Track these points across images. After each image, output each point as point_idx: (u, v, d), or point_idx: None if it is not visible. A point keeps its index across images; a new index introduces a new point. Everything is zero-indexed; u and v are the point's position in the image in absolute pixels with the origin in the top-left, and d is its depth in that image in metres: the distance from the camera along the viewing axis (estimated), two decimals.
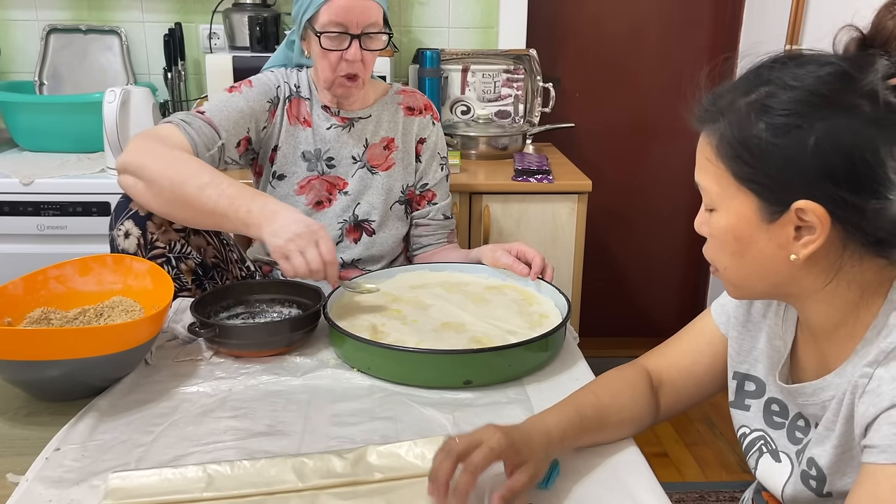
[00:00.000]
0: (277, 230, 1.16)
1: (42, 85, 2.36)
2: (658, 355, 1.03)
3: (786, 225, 0.74)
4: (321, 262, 1.15)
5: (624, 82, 2.75)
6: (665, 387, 1.00)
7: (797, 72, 0.73)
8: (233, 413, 1.00)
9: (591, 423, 0.91)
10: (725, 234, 0.79)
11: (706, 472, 2.25)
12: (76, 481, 0.85)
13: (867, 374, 0.73)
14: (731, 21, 2.68)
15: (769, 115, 0.72)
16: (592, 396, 0.94)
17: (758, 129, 0.73)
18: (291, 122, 1.48)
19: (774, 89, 0.73)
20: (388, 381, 1.09)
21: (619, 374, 1.00)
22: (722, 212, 0.79)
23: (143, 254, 1.28)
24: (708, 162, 0.78)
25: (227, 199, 1.19)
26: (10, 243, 1.96)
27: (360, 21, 1.36)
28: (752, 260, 0.78)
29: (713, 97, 0.79)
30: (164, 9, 2.42)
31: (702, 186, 0.80)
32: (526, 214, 2.07)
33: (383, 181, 1.52)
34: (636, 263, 2.93)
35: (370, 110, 1.52)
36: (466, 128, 2.35)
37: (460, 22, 2.53)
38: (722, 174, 0.77)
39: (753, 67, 0.78)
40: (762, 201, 0.75)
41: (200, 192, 1.20)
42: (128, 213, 1.30)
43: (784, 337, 0.89)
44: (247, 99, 1.42)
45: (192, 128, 1.33)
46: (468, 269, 1.41)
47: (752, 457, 0.92)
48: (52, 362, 0.95)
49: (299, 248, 1.15)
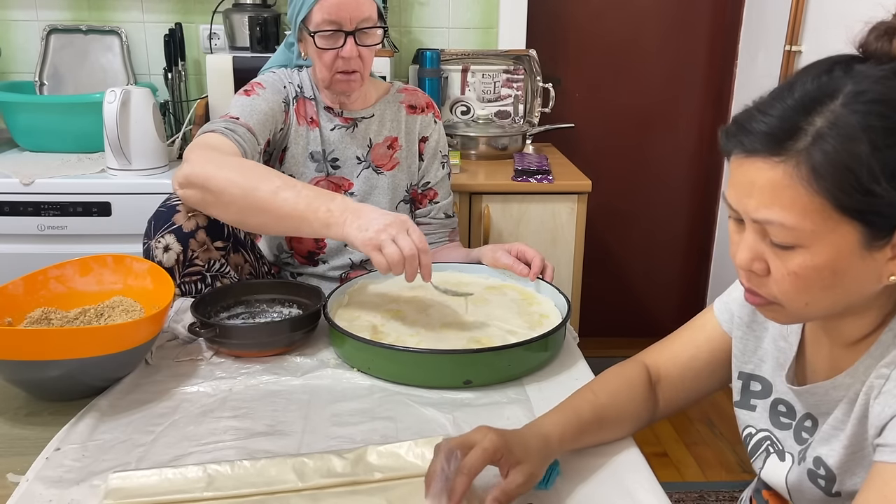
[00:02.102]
0: (364, 224, 1.12)
1: (42, 85, 2.36)
2: (657, 351, 1.02)
3: (886, 247, 0.69)
4: (415, 248, 1.10)
5: (624, 82, 2.75)
6: (663, 382, 1.00)
7: (870, 81, 0.67)
8: (233, 413, 1.00)
9: (590, 424, 0.91)
10: (820, 272, 0.70)
11: (706, 472, 2.25)
12: (76, 481, 0.85)
13: (884, 374, 0.73)
14: (731, 21, 2.68)
15: (873, 133, 0.65)
16: (591, 396, 0.94)
17: (865, 150, 0.65)
18: (300, 123, 1.47)
19: (860, 105, 0.66)
20: (388, 381, 1.09)
21: (618, 372, 0.99)
22: (815, 248, 0.69)
23: (180, 269, 1.26)
24: (794, 195, 0.68)
25: (305, 200, 1.15)
26: (10, 243, 1.96)
27: (353, 17, 1.36)
28: (843, 288, 0.71)
29: (763, 115, 0.70)
30: (165, 9, 2.42)
31: (779, 223, 0.69)
32: (526, 214, 2.07)
33: (388, 181, 1.52)
34: (636, 263, 2.93)
35: (372, 109, 1.52)
36: (466, 128, 2.35)
37: (460, 22, 2.53)
38: (818, 207, 0.67)
39: (805, 80, 0.70)
40: (870, 230, 0.68)
41: (275, 196, 1.16)
42: (170, 227, 1.25)
43: (789, 338, 0.88)
44: (266, 100, 1.40)
45: (237, 134, 1.30)
46: (468, 269, 1.41)
47: (758, 457, 0.92)
48: (52, 362, 0.95)
49: (391, 236, 1.09)
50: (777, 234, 0.70)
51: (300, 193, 1.16)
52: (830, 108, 0.67)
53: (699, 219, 2.90)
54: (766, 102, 0.71)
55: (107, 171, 2.02)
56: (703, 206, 2.88)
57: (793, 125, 0.68)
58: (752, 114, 0.71)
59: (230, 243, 1.33)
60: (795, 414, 0.88)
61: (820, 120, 0.67)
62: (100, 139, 2.00)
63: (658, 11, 2.70)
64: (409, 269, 1.09)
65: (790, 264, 0.70)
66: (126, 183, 1.98)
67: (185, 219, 1.26)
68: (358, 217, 1.13)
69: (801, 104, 0.68)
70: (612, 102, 2.77)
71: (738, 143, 0.71)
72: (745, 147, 0.70)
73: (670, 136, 2.80)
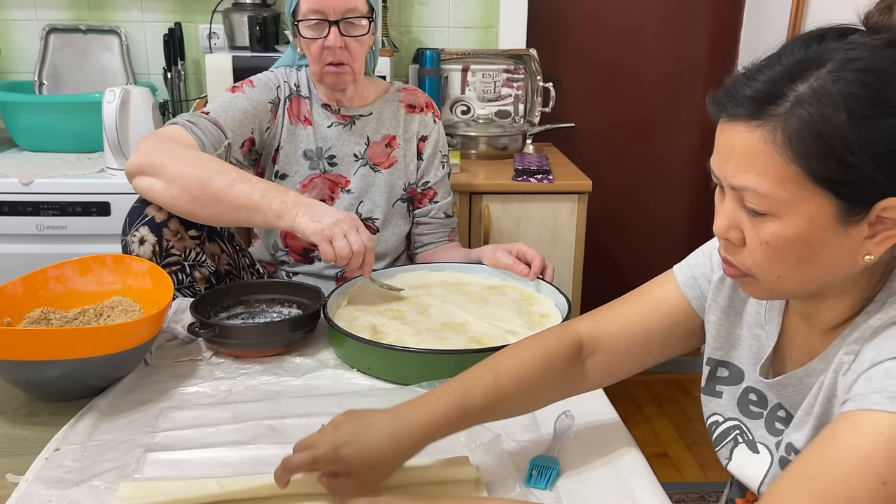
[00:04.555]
0: (317, 216, 1.19)
1: (42, 85, 2.36)
2: (601, 320, 0.94)
3: (862, 224, 0.67)
4: (363, 245, 1.17)
5: (624, 82, 2.75)
6: (603, 355, 0.92)
7: (863, 47, 0.66)
8: (232, 413, 1.00)
9: (478, 409, 0.84)
10: (793, 243, 0.69)
11: (706, 472, 2.25)
12: (76, 481, 0.85)
13: (853, 350, 0.71)
14: (732, 21, 2.68)
15: (855, 102, 0.64)
16: (491, 378, 0.86)
17: (843, 119, 0.63)
18: (292, 122, 1.48)
19: (846, 72, 0.64)
20: (388, 381, 1.09)
21: (537, 346, 0.91)
22: (788, 218, 0.68)
23: (158, 261, 1.27)
24: (769, 160, 0.67)
25: (259, 192, 1.22)
26: (9, 243, 1.96)
27: (336, 7, 1.36)
28: (816, 264, 0.70)
29: (749, 80, 0.69)
30: (164, 9, 2.42)
31: (753, 189, 0.68)
32: (526, 214, 2.07)
33: (385, 179, 1.52)
34: (636, 263, 2.93)
35: (371, 108, 1.52)
36: (466, 128, 2.35)
37: (460, 22, 2.53)
38: (792, 175, 0.66)
39: (795, 48, 0.69)
40: (845, 203, 0.66)
41: (230, 188, 1.22)
42: (143, 220, 1.28)
43: (767, 327, 0.85)
44: (250, 99, 1.42)
45: (199, 128, 1.33)
46: (468, 269, 1.41)
47: (724, 447, 0.89)
48: (52, 362, 0.95)
49: (343, 231, 1.17)
50: (752, 201, 0.69)
51: (255, 186, 1.22)
52: (816, 75, 0.66)
53: (699, 218, 2.90)
54: (755, 68, 0.70)
55: (106, 170, 2.02)
56: (704, 206, 2.88)
57: (776, 90, 0.67)
58: (739, 79, 0.70)
59: (204, 232, 1.35)
60: (767, 403, 0.85)
61: (803, 86, 0.66)
62: (99, 139, 2.00)
63: (658, 11, 2.69)
64: (354, 263, 1.18)
65: (763, 233, 0.70)
66: (125, 183, 1.92)
67: (157, 209, 1.29)
68: (310, 210, 1.20)
69: (787, 70, 0.67)
70: (613, 102, 2.76)
71: (723, 108, 0.70)
72: (727, 112, 0.70)
73: (671, 136, 2.80)
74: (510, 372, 0.87)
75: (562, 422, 0.98)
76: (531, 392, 0.88)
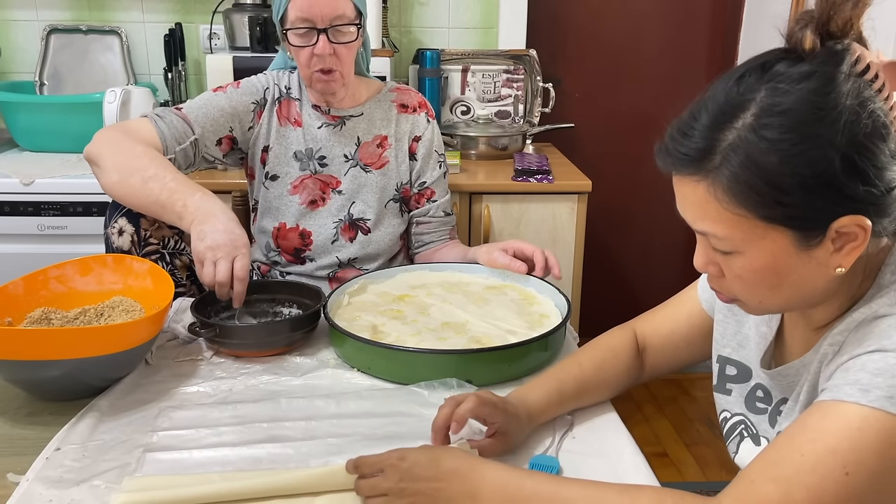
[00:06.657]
0: (203, 233, 1.18)
1: (42, 85, 2.36)
2: (645, 319, 1.07)
3: (825, 243, 0.70)
4: (228, 277, 1.16)
5: (624, 82, 2.75)
6: (648, 350, 1.05)
7: (781, 89, 0.68)
8: (233, 413, 1.00)
9: (571, 395, 0.98)
10: (761, 274, 0.73)
11: (706, 473, 2.25)
12: (76, 481, 0.85)
13: (837, 342, 0.74)
14: (731, 21, 2.68)
15: (780, 145, 0.66)
16: (577, 369, 1.00)
17: (773, 163, 0.67)
18: (282, 123, 1.48)
19: (768, 118, 0.67)
20: (388, 380, 1.09)
21: (607, 341, 1.05)
22: (751, 253, 0.72)
23: (137, 251, 1.30)
24: (718, 209, 0.70)
25: (168, 191, 1.22)
26: (10, 243, 1.96)
27: (324, 14, 1.36)
28: (791, 286, 0.73)
29: (682, 136, 0.72)
30: (165, 9, 2.42)
31: (712, 234, 0.72)
32: (526, 214, 2.07)
33: (377, 179, 1.52)
34: (636, 263, 2.93)
35: (361, 108, 1.52)
36: (466, 128, 2.35)
37: (460, 22, 2.53)
38: (741, 219, 0.70)
39: (717, 92, 0.72)
40: (799, 232, 0.69)
41: (144, 185, 1.24)
42: (121, 211, 1.32)
43: (770, 322, 0.89)
44: (230, 98, 1.44)
45: (164, 122, 1.36)
46: (468, 268, 1.41)
47: (732, 441, 0.93)
48: (53, 362, 0.95)
49: (215, 257, 1.16)
50: (715, 243, 0.74)
51: (166, 185, 1.23)
52: (740, 123, 0.69)
53: None
54: (686, 122, 0.73)
55: None
56: None
57: (706, 144, 0.70)
58: (674, 135, 0.74)
59: None
60: (772, 399, 0.88)
61: (731, 135, 0.69)
62: None
63: (658, 11, 2.70)
64: (218, 292, 1.17)
65: (734, 268, 0.74)
66: None
67: None
68: (203, 223, 1.19)
69: (714, 119, 0.70)
70: (613, 102, 2.77)
71: (666, 164, 0.75)
72: (671, 168, 0.74)
73: None
74: (591, 362, 1.01)
75: (561, 421, 0.98)
76: (607, 380, 1.01)
